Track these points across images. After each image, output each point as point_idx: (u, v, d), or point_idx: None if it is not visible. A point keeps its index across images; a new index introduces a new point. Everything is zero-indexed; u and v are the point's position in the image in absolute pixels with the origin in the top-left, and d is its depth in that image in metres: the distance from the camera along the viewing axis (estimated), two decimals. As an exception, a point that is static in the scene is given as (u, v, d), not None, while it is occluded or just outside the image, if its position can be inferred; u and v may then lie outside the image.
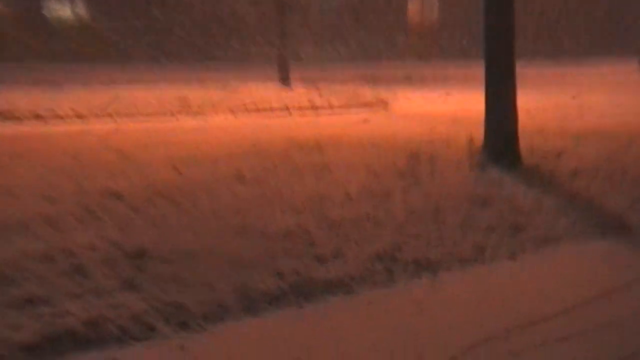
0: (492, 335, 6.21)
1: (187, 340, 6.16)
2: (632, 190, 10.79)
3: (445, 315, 6.70)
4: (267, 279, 7.20)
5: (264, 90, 24.56)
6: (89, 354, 5.85)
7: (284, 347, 6.08)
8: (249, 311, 6.68)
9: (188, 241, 8.12)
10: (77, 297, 6.71)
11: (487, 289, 7.32)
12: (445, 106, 20.55)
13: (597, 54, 43.37)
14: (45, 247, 7.91)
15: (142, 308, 6.48)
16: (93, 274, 7.19)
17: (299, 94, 23.91)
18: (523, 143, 12.81)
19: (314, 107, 21.67)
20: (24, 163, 12.55)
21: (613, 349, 6.02)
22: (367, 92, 24.46)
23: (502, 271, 7.87)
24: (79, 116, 18.78)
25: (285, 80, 27.02)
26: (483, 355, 5.87)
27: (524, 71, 16.18)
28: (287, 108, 21.35)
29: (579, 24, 45.45)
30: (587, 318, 6.64)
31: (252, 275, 7.26)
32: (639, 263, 8.18)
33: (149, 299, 6.65)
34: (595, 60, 40.35)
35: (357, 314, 6.77)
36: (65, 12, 42.68)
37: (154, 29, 39.28)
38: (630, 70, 35.46)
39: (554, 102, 21.26)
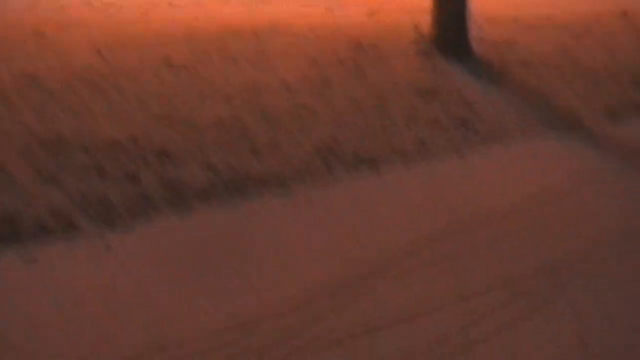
0: (435, 235, 6.25)
1: (111, 238, 6.13)
2: (585, 83, 10.84)
3: (387, 213, 6.74)
4: (197, 173, 7.14)
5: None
6: (4, 254, 5.77)
7: (215, 246, 6.06)
8: (177, 207, 6.63)
9: (111, 131, 8.02)
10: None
11: (431, 187, 7.36)
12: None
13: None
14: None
15: (62, 202, 6.40)
16: (7, 165, 7.07)
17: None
18: (473, 32, 12.77)
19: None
20: None
21: (560, 244, 6.10)
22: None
23: (448, 168, 7.90)
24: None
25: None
26: (425, 256, 5.91)
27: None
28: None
29: None
30: (534, 215, 6.73)
31: (181, 169, 7.20)
32: (590, 158, 8.22)
33: (70, 192, 6.58)
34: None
35: (294, 211, 6.77)
36: None
37: None
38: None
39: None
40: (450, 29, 12.57)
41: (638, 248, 6.19)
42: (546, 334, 4.86)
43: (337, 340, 4.78)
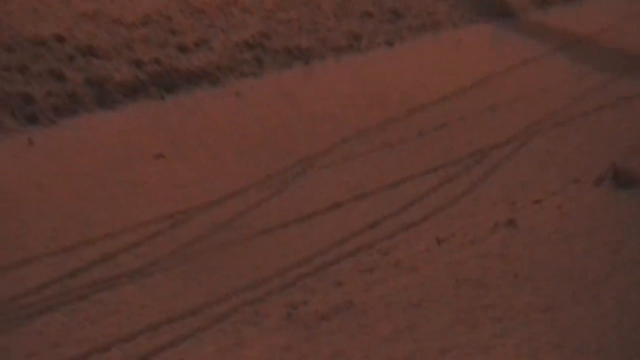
0: (367, 126, 6.29)
1: (35, 134, 6.08)
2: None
3: (319, 106, 6.75)
4: (123, 69, 7.07)
5: None
6: None
7: (143, 141, 6.06)
8: (103, 104, 6.58)
9: (34, 28, 7.90)
10: None
11: (362, 79, 7.38)
12: None
13: None
14: None
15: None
16: None
17: None
18: None
19: None
20: None
21: (490, 131, 6.14)
22: None
23: (379, 60, 7.91)
24: None
25: None
26: (355, 146, 5.96)
27: None
28: None
29: None
30: (474, 102, 6.77)
31: (107, 65, 7.12)
32: (519, 45, 8.29)
33: (-8, 91, 6.51)
34: None
35: (224, 105, 6.76)
36: None
37: None
38: None
39: None
40: None
41: (565, 131, 6.24)
42: (475, 215, 4.95)
43: (267, 229, 4.85)
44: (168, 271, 4.44)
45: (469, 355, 3.51)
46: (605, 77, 7.45)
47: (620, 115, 6.57)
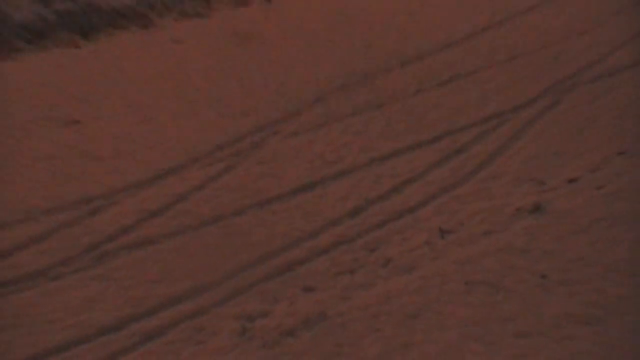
0: (347, 80, 6.31)
1: None
2: None
3: (284, 50, 6.77)
4: (24, 9, 7.05)
5: None
6: None
7: (52, 98, 6.03)
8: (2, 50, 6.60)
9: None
10: None
11: (340, 11, 7.42)
12: None
13: None
14: None
15: None
16: None
17: None
18: None
19: None
20: None
21: (524, 81, 6.10)
22: None
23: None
24: None
25: None
26: (338, 105, 5.91)
27: None
28: None
29: None
30: (489, 48, 6.74)
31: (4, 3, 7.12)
32: None
33: None
34: None
35: (155, 53, 6.84)
36: None
37: None
38: None
39: None
40: None
41: (606, 85, 6.22)
42: (491, 198, 4.87)
43: (216, 217, 4.81)
44: (94, 269, 4.41)
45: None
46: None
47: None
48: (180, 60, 6.59)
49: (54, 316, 4.05)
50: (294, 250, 4.45)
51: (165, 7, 7.10)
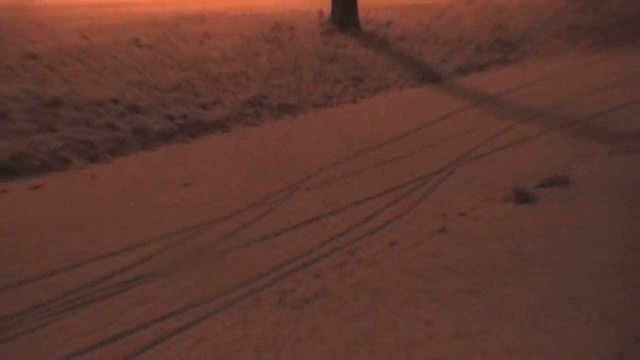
0: (337, 159, 6.28)
1: (96, 170, 6.03)
2: (442, 51, 10.91)
3: (303, 144, 6.75)
4: (159, 122, 7.08)
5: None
6: (15, 182, 5.68)
7: (173, 172, 6.03)
8: (145, 146, 6.59)
9: (94, 93, 7.87)
10: (3, 137, 6.43)
11: (333, 125, 7.38)
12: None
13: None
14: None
15: (59, 146, 6.29)
16: (16, 119, 6.89)
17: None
18: (362, 15, 12.75)
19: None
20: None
21: (428, 163, 6.10)
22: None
23: (346, 112, 7.92)
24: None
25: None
26: (330, 174, 5.92)
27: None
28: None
29: None
30: (410, 140, 6.75)
31: (147, 119, 7.11)
32: (447, 101, 8.31)
33: (64, 138, 6.47)
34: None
35: (231, 145, 6.78)
36: None
37: None
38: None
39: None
40: (345, 13, 12.57)
41: (482, 162, 6.21)
42: (418, 225, 4.88)
43: (264, 237, 4.78)
44: (191, 269, 4.37)
45: (416, 326, 3.44)
46: (509, 123, 7.45)
47: (521, 151, 6.55)
48: (245, 150, 6.50)
49: (175, 294, 4.03)
50: (309, 255, 4.47)
51: (237, 119, 7.04)
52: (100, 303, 3.95)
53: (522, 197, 5.20)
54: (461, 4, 15.86)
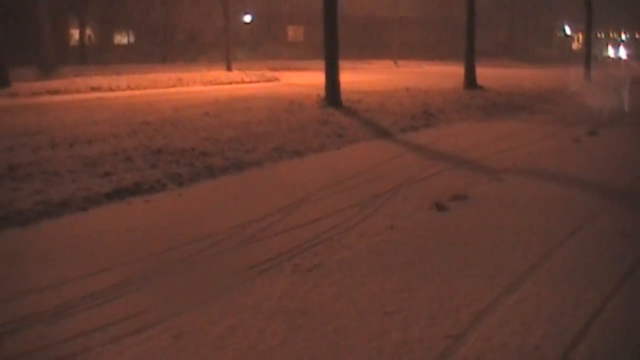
0: (330, 183, 6.28)
1: (182, 191, 6.07)
2: (391, 118, 11.00)
3: (307, 175, 6.77)
4: (220, 161, 7.12)
5: (218, 73, 23.88)
6: (135, 199, 5.72)
7: (229, 193, 6.05)
8: (211, 176, 6.61)
9: (181, 144, 7.96)
10: (129, 171, 6.51)
11: (324, 164, 7.45)
12: (306, 80, 20.36)
13: (375, 57, 43.00)
14: (111, 148, 7.64)
15: (160, 176, 6.32)
16: (136, 161, 6.99)
17: (236, 75, 23.31)
18: (343, 96, 12.90)
19: (243, 81, 21.22)
20: (101, 110, 12.01)
21: (379, 187, 6.09)
22: (269, 74, 24.10)
23: (333, 155, 7.99)
24: (129, 88, 17.96)
25: (229, 68, 26.26)
26: (325, 193, 5.92)
27: (346, 64, 16.28)
28: (230, 82, 20.87)
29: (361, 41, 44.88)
30: (375, 173, 6.77)
31: (213, 160, 7.17)
32: (394, 149, 8.37)
33: (163, 172, 6.51)
34: (376, 60, 40.25)
35: (264, 175, 6.82)
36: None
37: (159, 44, 37.64)
38: (389, 65, 35.81)
39: (352, 80, 21.23)
40: (333, 96, 12.68)
41: (415, 187, 6.21)
42: (377, 222, 4.90)
43: (283, 231, 4.71)
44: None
45: (374, 285, 3.50)
46: (432, 162, 7.51)
47: (438, 180, 6.61)
48: (269, 178, 6.56)
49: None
50: (310, 242, 4.45)
51: (267, 160, 7.07)
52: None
53: (440, 207, 5.27)
54: (402, 91, 16.06)
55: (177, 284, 3.65)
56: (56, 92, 16.57)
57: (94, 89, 17.44)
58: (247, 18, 42.74)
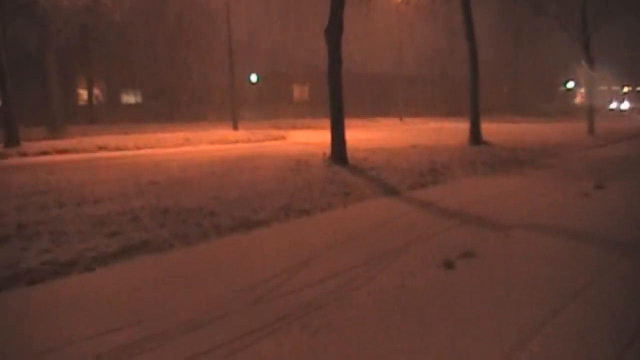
0: (337, 241, 6.32)
1: (190, 250, 6.10)
2: (398, 176, 11.07)
3: (315, 233, 6.80)
4: (227, 220, 7.18)
5: (225, 132, 24.30)
6: (142, 258, 5.76)
7: (237, 253, 6.05)
8: (219, 235, 6.65)
9: (189, 203, 8.06)
10: (137, 230, 6.59)
11: (331, 222, 7.46)
12: (313, 139, 20.65)
13: (381, 114, 43.72)
14: (119, 208, 7.77)
15: (167, 236, 6.40)
16: (143, 220, 7.09)
17: (242, 134, 23.73)
18: (349, 154, 13.05)
19: (250, 140, 21.57)
20: (109, 169, 12.21)
21: (395, 241, 6.14)
22: (275, 133, 24.52)
23: (340, 214, 8.01)
24: (137, 148, 18.30)
25: (235, 127, 26.74)
26: (338, 249, 5.95)
27: (351, 122, 16.56)
28: (236, 141, 21.20)
29: (366, 99, 45.79)
30: (385, 231, 6.81)
31: (220, 219, 7.25)
32: (404, 207, 8.39)
33: (171, 231, 6.58)
34: (381, 117, 40.98)
35: (272, 234, 6.82)
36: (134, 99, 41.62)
37: (166, 104, 38.52)
38: (395, 122, 36.28)
39: (358, 137, 21.50)
40: (338, 154, 12.84)
41: (428, 244, 6.22)
42: (384, 281, 4.91)
43: (294, 290, 4.76)
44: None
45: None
46: (440, 220, 7.53)
47: (447, 236, 6.62)
48: (275, 235, 6.54)
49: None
50: (324, 307, 4.44)
51: (274, 219, 7.13)
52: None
53: (448, 264, 5.30)
54: (409, 148, 16.24)
55: (186, 346, 3.66)
56: (64, 151, 16.98)
57: (101, 148, 17.84)
58: (253, 78, 43.82)
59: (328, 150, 13.26)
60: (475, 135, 18.33)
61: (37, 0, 19.01)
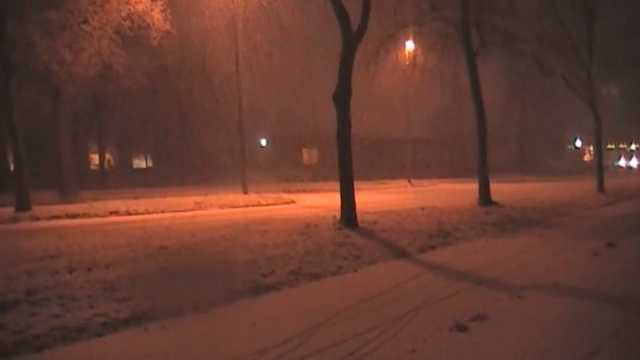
0: (349, 304, 6.27)
1: (200, 316, 6.06)
2: (408, 238, 11.10)
3: (325, 297, 6.79)
4: (237, 285, 7.18)
5: (235, 196, 24.50)
6: (151, 324, 5.71)
7: (246, 318, 6.00)
8: (230, 301, 6.63)
9: (200, 268, 8.09)
10: (147, 296, 6.52)
11: (342, 286, 7.46)
12: (322, 202, 20.76)
13: (389, 177, 43.93)
14: (129, 272, 7.73)
15: (177, 301, 6.35)
16: (153, 285, 7.10)
17: (252, 197, 23.88)
18: (358, 217, 13.07)
19: (260, 204, 21.69)
20: (119, 234, 12.28)
21: (406, 305, 6.12)
22: (285, 196, 24.66)
23: (350, 277, 8.03)
24: (148, 212, 18.46)
25: (245, 191, 26.95)
26: (349, 314, 5.94)
27: (360, 185, 16.68)
28: (246, 205, 21.34)
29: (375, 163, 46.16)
30: (396, 296, 6.76)
31: (231, 283, 7.25)
32: (414, 270, 8.30)
33: (181, 297, 6.54)
34: (390, 179, 41.14)
35: (282, 299, 6.82)
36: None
37: (176, 168, 39.05)
38: (404, 184, 36.48)
39: (367, 200, 21.60)
40: (348, 217, 12.86)
41: (441, 305, 6.19)
42: (395, 347, 4.86)
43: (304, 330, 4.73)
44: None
45: None
46: (451, 282, 7.52)
47: (459, 300, 6.59)
48: (289, 302, 6.52)
49: None
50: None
51: (285, 283, 7.14)
52: None
53: (460, 327, 5.27)
54: (418, 210, 16.31)
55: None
56: (75, 215, 17.14)
57: (112, 212, 18.01)
58: (263, 142, 44.59)
59: (338, 214, 13.31)
60: (485, 196, 18.37)
61: (50, 69, 19.57)
